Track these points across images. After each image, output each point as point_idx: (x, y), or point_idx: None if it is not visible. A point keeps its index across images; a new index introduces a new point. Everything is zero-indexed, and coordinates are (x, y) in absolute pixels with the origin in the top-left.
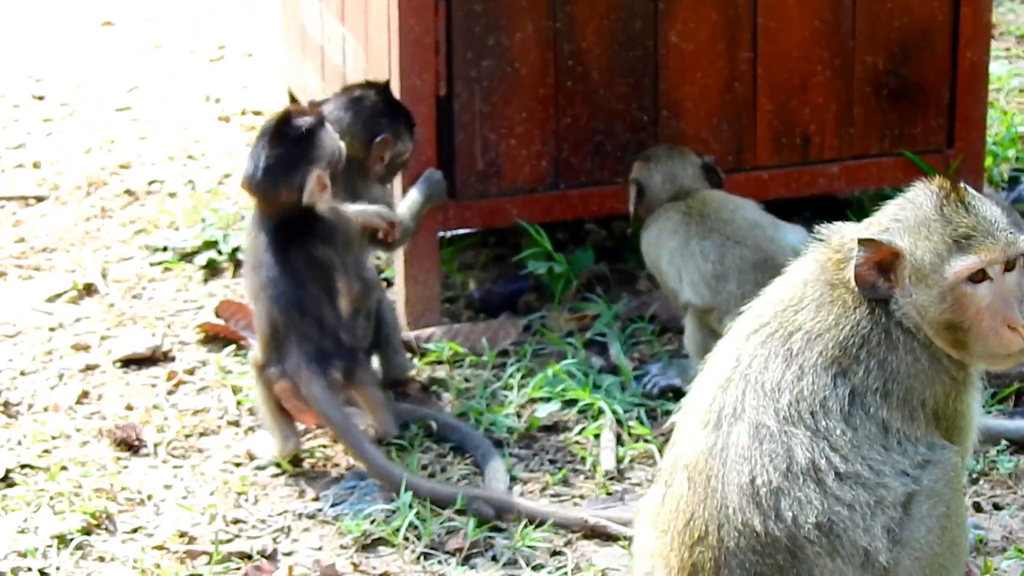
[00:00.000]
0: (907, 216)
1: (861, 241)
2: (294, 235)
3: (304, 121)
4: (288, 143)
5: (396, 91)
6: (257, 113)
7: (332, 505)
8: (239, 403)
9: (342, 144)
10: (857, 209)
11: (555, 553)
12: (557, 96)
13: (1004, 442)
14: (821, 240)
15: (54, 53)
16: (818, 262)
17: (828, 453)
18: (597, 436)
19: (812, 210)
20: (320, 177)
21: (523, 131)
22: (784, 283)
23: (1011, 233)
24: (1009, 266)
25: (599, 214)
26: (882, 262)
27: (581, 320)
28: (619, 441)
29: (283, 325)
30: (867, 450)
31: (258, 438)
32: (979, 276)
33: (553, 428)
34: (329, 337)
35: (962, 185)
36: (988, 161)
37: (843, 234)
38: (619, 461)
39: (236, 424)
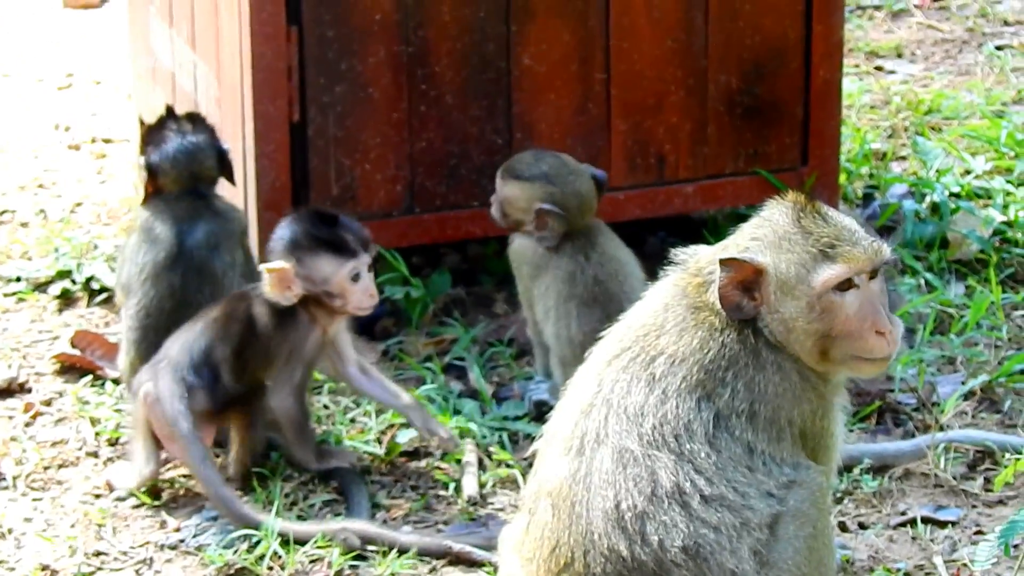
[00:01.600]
0: (765, 233)
1: (722, 262)
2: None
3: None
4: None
5: (249, 117)
6: (107, 141)
7: (194, 535)
8: (97, 434)
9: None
10: (713, 228)
11: None
12: (411, 120)
13: (868, 461)
14: (678, 264)
15: None
16: (678, 286)
17: (693, 476)
18: (459, 461)
19: (668, 230)
20: (286, 272)
21: (377, 156)
22: (644, 308)
23: (874, 241)
24: (873, 273)
25: (455, 238)
26: (745, 281)
27: (439, 344)
28: (481, 466)
29: (169, 351)
30: (732, 472)
31: (117, 468)
32: (846, 284)
33: (415, 454)
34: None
35: (816, 200)
36: (842, 178)
37: (700, 257)
38: (481, 486)
39: (95, 455)
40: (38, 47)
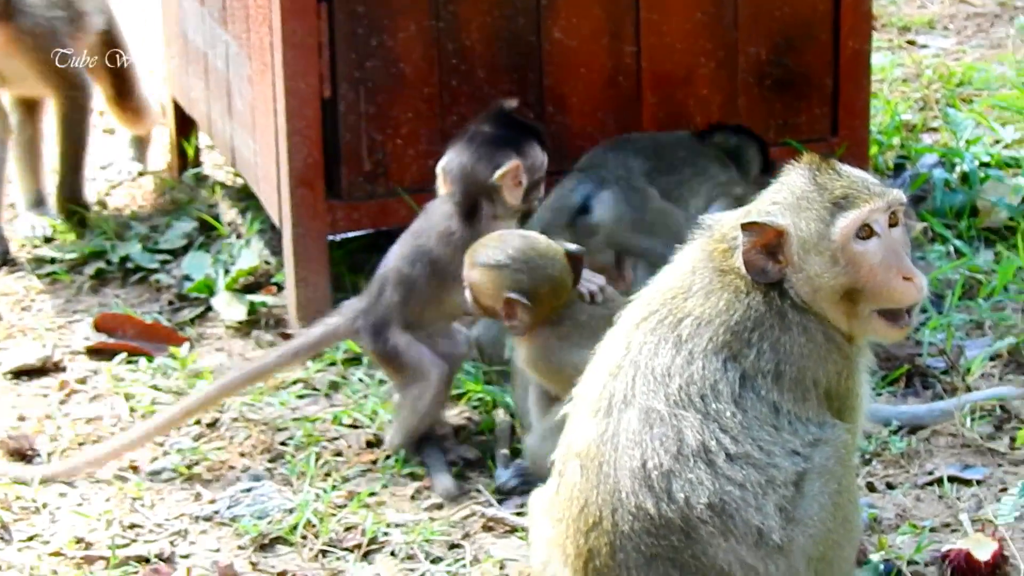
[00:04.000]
0: (784, 196)
1: (744, 226)
2: None
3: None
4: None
5: (281, 94)
6: None
7: (229, 507)
8: (132, 411)
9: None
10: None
11: (453, 546)
12: (442, 95)
13: (895, 423)
14: (703, 230)
15: None
16: (704, 250)
17: (718, 435)
18: (491, 430)
19: None
20: (519, 168)
21: (409, 131)
22: (672, 271)
23: (887, 187)
24: (893, 221)
25: None
26: (768, 244)
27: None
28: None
29: None
30: (757, 431)
31: None
32: (866, 232)
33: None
34: None
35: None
36: (873, 150)
37: (724, 223)
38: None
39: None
40: None
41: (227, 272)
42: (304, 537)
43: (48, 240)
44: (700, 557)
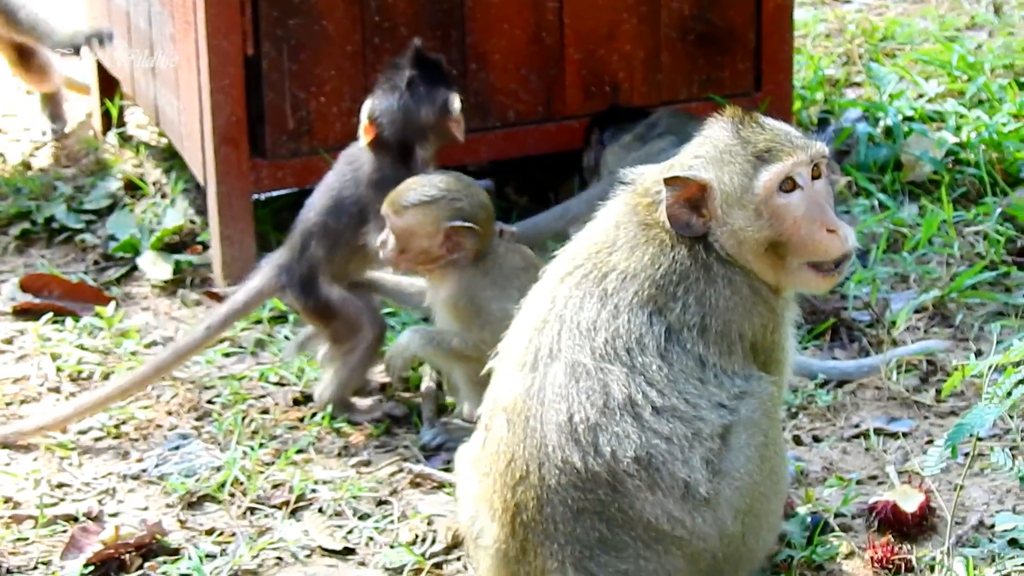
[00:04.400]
0: (707, 150)
1: (667, 180)
2: None
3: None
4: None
5: (204, 52)
6: (66, 85)
7: (156, 465)
8: (59, 370)
9: None
10: None
11: (381, 503)
12: (365, 52)
13: (822, 376)
14: (627, 184)
15: None
16: (628, 204)
17: (644, 388)
18: (417, 387)
19: None
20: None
21: (333, 88)
22: (596, 226)
23: (809, 139)
24: (816, 173)
25: None
26: (691, 198)
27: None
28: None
29: None
30: (683, 384)
31: None
32: (789, 185)
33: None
34: None
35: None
36: (797, 104)
37: (647, 177)
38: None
39: (57, 391)
40: None
41: (152, 231)
42: (232, 495)
43: None
44: (627, 510)
